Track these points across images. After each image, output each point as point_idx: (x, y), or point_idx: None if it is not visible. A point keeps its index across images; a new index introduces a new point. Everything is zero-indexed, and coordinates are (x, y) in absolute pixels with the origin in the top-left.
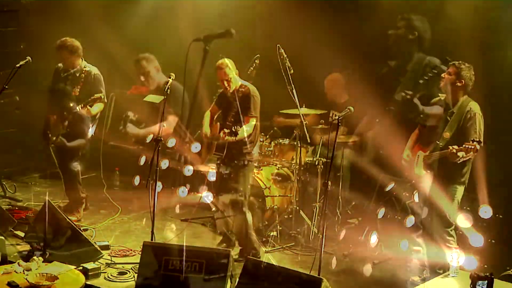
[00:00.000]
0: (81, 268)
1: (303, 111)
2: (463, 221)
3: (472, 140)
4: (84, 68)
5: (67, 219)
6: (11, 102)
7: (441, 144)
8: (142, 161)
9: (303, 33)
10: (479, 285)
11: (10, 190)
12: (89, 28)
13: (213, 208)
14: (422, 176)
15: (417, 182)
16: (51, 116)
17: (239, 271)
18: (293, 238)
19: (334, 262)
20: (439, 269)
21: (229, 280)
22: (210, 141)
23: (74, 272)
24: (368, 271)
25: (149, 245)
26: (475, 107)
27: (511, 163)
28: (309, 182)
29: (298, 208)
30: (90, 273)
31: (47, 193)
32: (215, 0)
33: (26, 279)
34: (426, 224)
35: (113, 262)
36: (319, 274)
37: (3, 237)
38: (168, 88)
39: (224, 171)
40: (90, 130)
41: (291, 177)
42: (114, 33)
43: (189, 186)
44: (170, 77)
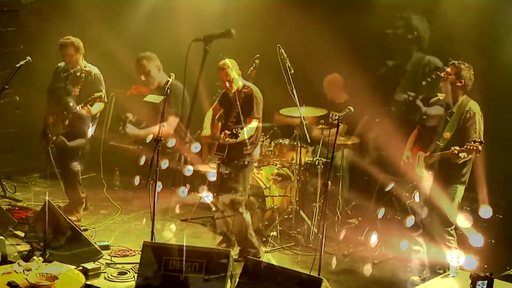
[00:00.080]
0: (81, 268)
1: (304, 112)
2: (463, 221)
3: (474, 141)
4: (85, 68)
5: (67, 219)
6: (11, 102)
7: (442, 145)
8: (142, 161)
9: (303, 33)
10: (479, 285)
11: (10, 190)
12: (89, 28)
13: (213, 208)
14: (424, 176)
15: (418, 183)
16: (50, 116)
17: (239, 271)
18: (293, 238)
19: (334, 262)
20: (439, 269)
21: (229, 280)
22: (211, 141)
23: (74, 272)
24: (368, 271)
25: (149, 245)
26: (474, 106)
27: (511, 163)
28: (309, 182)
29: (298, 208)
30: (90, 273)
31: (47, 193)
32: (215, 0)
33: (26, 279)
34: (426, 224)
35: (113, 262)
36: (319, 274)
37: (3, 237)
38: (168, 88)
39: (224, 171)
40: (90, 130)
41: (291, 177)
42: (114, 33)
43: (189, 186)
44: (170, 77)
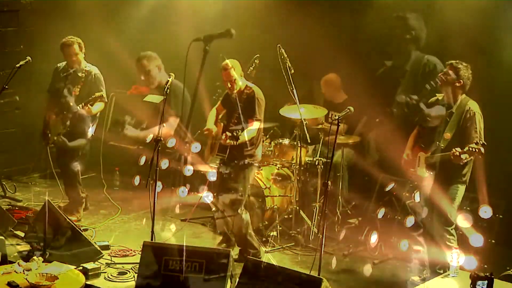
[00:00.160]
0: (81, 268)
1: (304, 112)
2: (462, 221)
3: (476, 143)
4: (85, 68)
5: (67, 219)
6: (11, 102)
7: (443, 146)
8: (142, 161)
9: (303, 33)
10: (479, 285)
11: (10, 190)
12: (89, 28)
13: (213, 208)
14: (424, 177)
15: (418, 183)
16: (50, 116)
17: (239, 271)
18: (293, 238)
19: (334, 262)
20: (439, 269)
21: (229, 280)
22: (213, 141)
23: (74, 272)
24: (368, 271)
25: (149, 245)
26: (474, 106)
27: (511, 163)
28: (309, 182)
29: (298, 208)
30: (90, 273)
31: (47, 193)
32: (215, 0)
33: (26, 279)
34: (426, 224)
35: (113, 262)
36: (319, 274)
37: (3, 237)
38: (167, 88)
39: (224, 171)
40: (90, 130)
41: (291, 177)
42: (114, 33)
43: (189, 186)
44: (169, 77)
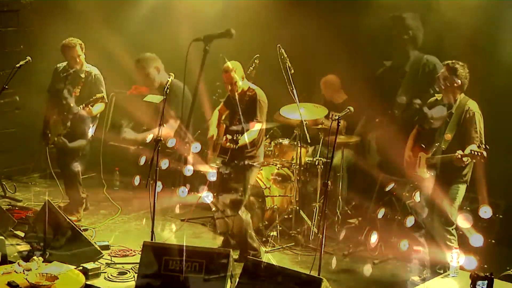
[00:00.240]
0: (81, 268)
1: (304, 113)
2: (463, 221)
3: (479, 146)
4: (86, 69)
5: (67, 219)
6: (11, 102)
7: (443, 147)
8: (142, 161)
9: (303, 33)
10: (479, 285)
11: (10, 190)
12: (89, 28)
13: (213, 208)
14: (426, 178)
15: (419, 183)
16: (50, 116)
17: (239, 271)
18: (293, 238)
19: (334, 262)
20: (439, 269)
21: (229, 280)
22: (216, 141)
23: (74, 272)
24: (368, 271)
25: (149, 245)
26: (473, 106)
27: (511, 163)
28: (309, 182)
29: (298, 208)
30: (90, 273)
31: (47, 193)
32: (215, 0)
33: (26, 279)
34: (427, 224)
35: (113, 262)
36: (319, 274)
37: (3, 237)
38: (167, 88)
39: (224, 171)
40: (91, 131)
41: (291, 177)
42: (114, 33)
43: (189, 186)
44: (169, 77)
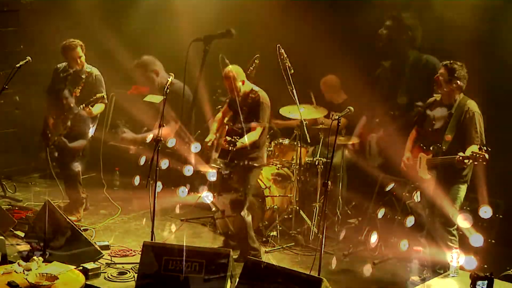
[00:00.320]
0: (81, 268)
1: (304, 113)
2: (463, 221)
3: (480, 148)
4: (86, 69)
5: (67, 219)
6: (11, 102)
7: (444, 148)
8: (142, 161)
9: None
10: (479, 285)
11: (10, 190)
12: (89, 28)
13: (213, 208)
14: (426, 179)
15: (420, 183)
16: (50, 116)
17: (239, 271)
18: (293, 238)
19: (334, 262)
20: (439, 269)
21: (229, 280)
22: (219, 141)
23: (74, 272)
24: (368, 271)
25: (149, 245)
26: (473, 106)
27: (511, 163)
28: (309, 182)
29: (298, 208)
30: (90, 273)
31: (47, 193)
32: (215, 0)
33: (26, 279)
34: (428, 224)
35: (113, 262)
36: (319, 274)
37: (3, 237)
38: (167, 89)
39: (224, 171)
40: (91, 131)
41: (291, 177)
42: (114, 33)
43: (189, 186)
44: (169, 77)
